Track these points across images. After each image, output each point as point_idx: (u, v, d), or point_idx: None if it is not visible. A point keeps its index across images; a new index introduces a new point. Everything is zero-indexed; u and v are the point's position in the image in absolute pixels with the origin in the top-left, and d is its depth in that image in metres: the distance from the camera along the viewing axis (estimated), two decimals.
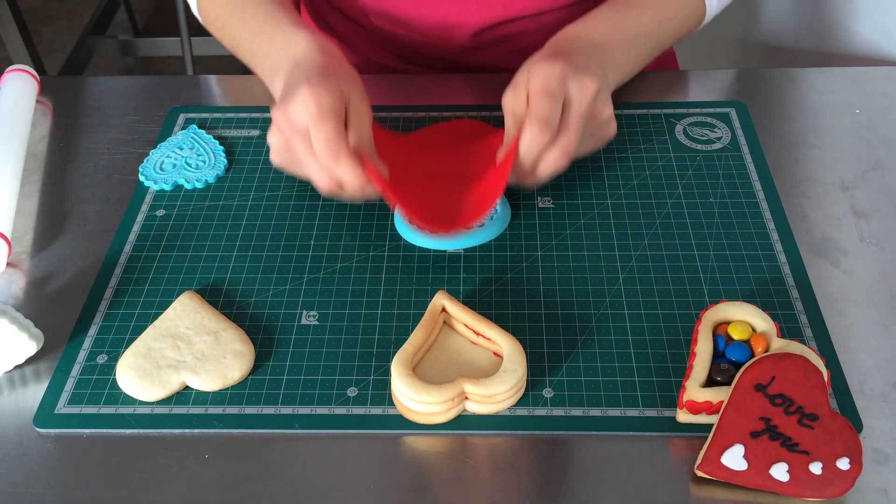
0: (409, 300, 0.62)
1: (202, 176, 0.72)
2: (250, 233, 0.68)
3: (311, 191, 0.71)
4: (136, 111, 0.81)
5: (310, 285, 0.64)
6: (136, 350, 0.58)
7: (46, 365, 0.59)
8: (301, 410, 0.56)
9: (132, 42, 2.20)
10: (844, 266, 0.64)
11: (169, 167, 0.73)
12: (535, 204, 0.69)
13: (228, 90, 0.84)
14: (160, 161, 0.74)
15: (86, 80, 0.86)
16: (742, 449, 0.50)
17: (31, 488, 0.52)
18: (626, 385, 0.56)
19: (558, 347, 0.59)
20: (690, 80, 0.82)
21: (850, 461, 0.49)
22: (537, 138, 0.60)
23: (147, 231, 0.68)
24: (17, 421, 0.56)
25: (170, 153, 0.75)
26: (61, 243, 0.68)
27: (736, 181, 0.71)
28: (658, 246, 0.66)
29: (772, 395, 0.51)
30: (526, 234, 0.67)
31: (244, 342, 0.59)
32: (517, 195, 0.70)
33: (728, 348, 0.55)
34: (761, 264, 0.64)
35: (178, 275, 0.65)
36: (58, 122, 0.80)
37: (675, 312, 0.61)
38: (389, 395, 0.56)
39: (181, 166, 0.73)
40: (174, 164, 0.73)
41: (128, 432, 0.55)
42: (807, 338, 0.59)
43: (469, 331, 0.58)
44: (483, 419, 0.55)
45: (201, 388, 0.57)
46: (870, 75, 0.82)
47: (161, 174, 0.73)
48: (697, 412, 0.53)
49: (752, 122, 0.76)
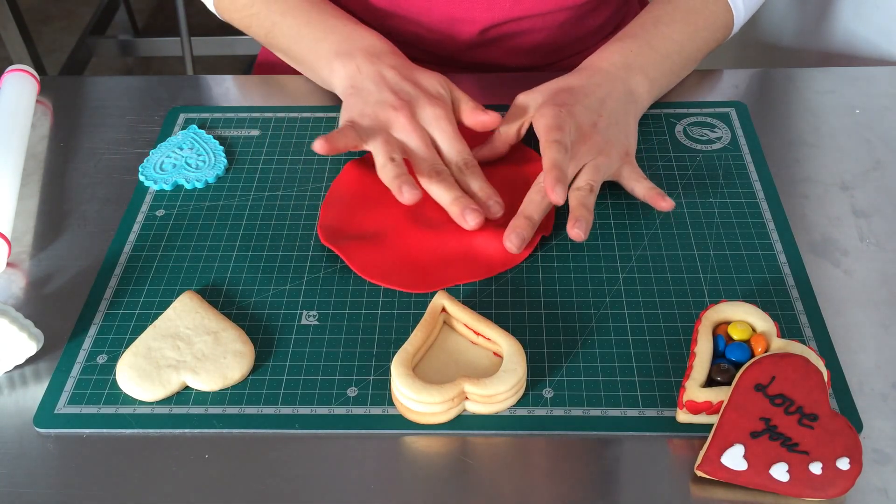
0: (409, 300, 0.62)
1: (202, 176, 0.72)
2: (250, 233, 0.68)
3: (312, 191, 0.71)
4: (136, 111, 0.81)
5: (310, 285, 0.64)
6: (136, 350, 0.58)
7: (46, 365, 0.59)
8: (301, 410, 0.56)
9: (132, 42, 2.20)
10: (844, 266, 0.64)
11: (169, 167, 0.73)
12: None
13: (228, 90, 0.84)
14: (160, 161, 0.74)
15: (86, 80, 0.86)
16: (742, 449, 0.50)
17: (31, 488, 0.52)
18: (626, 385, 0.56)
19: (558, 347, 0.59)
20: (690, 80, 0.82)
21: (850, 461, 0.49)
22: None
23: (147, 231, 0.68)
24: (17, 421, 0.56)
25: (170, 153, 0.74)
26: (61, 243, 0.68)
27: (736, 181, 0.71)
28: (658, 246, 0.66)
29: (772, 395, 0.51)
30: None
31: (244, 342, 0.59)
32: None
33: (728, 348, 0.55)
34: (761, 264, 0.64)
35: (178, 275, 0.65)
36: (58, 122, 0.80)
37: (675, 312, 0.61)
38: (389, 395, 0.56)
39: (181, 166, 0.73)
40: (174, 164, 0.73)
41: (128, 432, 0.55)
42: (807, 338, 0.59)
43: (469, 331, 0.58)
44: (483, 419, 0.55)
45: (201, 388, 0.57)
46: (870, 75, 0.82)
47: (161, 174, 0.72)
48: (697, 412, 0.53)
49: (752, 122, 0.76)
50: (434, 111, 0.67)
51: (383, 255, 0.65)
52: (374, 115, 0.67)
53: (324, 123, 0.78)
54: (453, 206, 0.64)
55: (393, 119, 0.66)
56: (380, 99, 0.67)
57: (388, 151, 0.65)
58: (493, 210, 0.65)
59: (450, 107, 0.69)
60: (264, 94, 0.83)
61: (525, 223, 0.63)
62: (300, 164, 0.74)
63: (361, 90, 0.69)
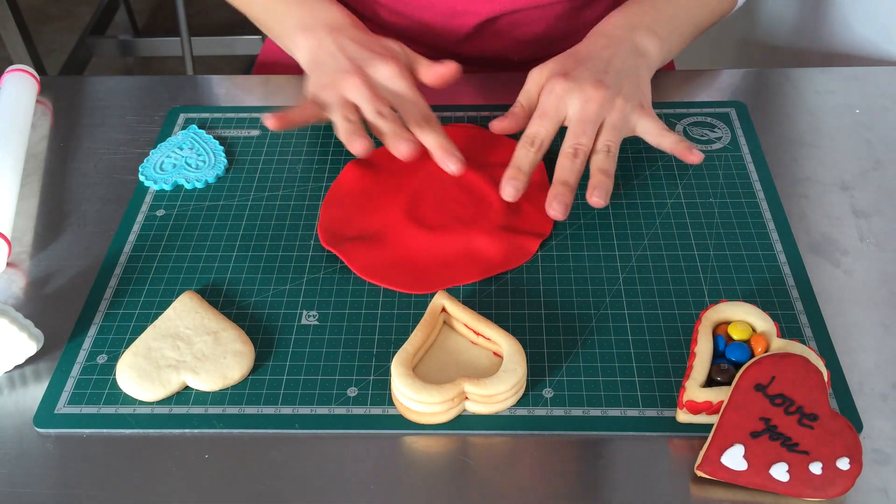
0: (409, 300, 0.62)
1: (202, 176, 0.72)
2: (250, 233, 0.68)
3: (312, 191, 0.71)
4: (136, 111, 0.81)
5: (310, 285, 0.64)
6: (136, 350, 0.58)
7: (46, 365, 0.59)
8: (301, 410, 0.56)
9: (132, 42, 2.20)
10: (844, 266, 0.64)
11: (169, 167, 0.73)
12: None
13: (228, 90, 0.84)
14: (160, 161, 0.74)
15: (86, 80, 0.86)
16: (742, 449, 0.50)
17: (31, 488, 0.52)
18: (626, 385, 0.56)
19: (558, 347, 0.59)
20: (690, 80, 0.82)
21: (850, 461, 0.49)
22: (525, 152, 0.66)
23: (147, 231, 0.68)
24: (17, 421, 0.56)
25: (170, 153, 0.74)
26: (61, 243, 0.68)
27: (736, 181, 0.71)
28: (658, 246, 0.66)
29: (772, 395, 0.51)
30: None
31: (244, 342, 0.59)
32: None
33: (728, 348, 0.55)
34: (761, 264, 0.64)
35: (178, 275, 0.65)
36: (58, 122, 0.80)
37: (675, 312, 0.61)
38: (389, 395, 0.56)
39: (181, 166, 0.73)
40: (174, 163, 0.73)
41: (128, 432, 0.55)
42: (807, 338, 0.59)
43: (469, 331, 0.58)
44: (483, 419, 0.55)
45: (201, 388, 0.57)
46: (870, 75, 0.82)
47: (161, 174, 0.72)
48: (697, 412, 0.53)
49: (752, 122, 0.76)
50: (387, 69, 0.67)
51: (383, 256, 0.65)
52: (332, 84, 0.68)
53: (323, 123, 0.78)
54: (399, 146, 0.65)
55: (348, 83, 0.67)
56: (336, 68, 0.68)
57: (344, 114, 0.66)
58: (451, 168, 0.66)
59: (403, 64, 0.69)
60: (264, 94, 0.83)
61: (563, 189, 0.64)
62: (300, 164, 0.74)
63: (321, 63, 0.70)
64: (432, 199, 0.68)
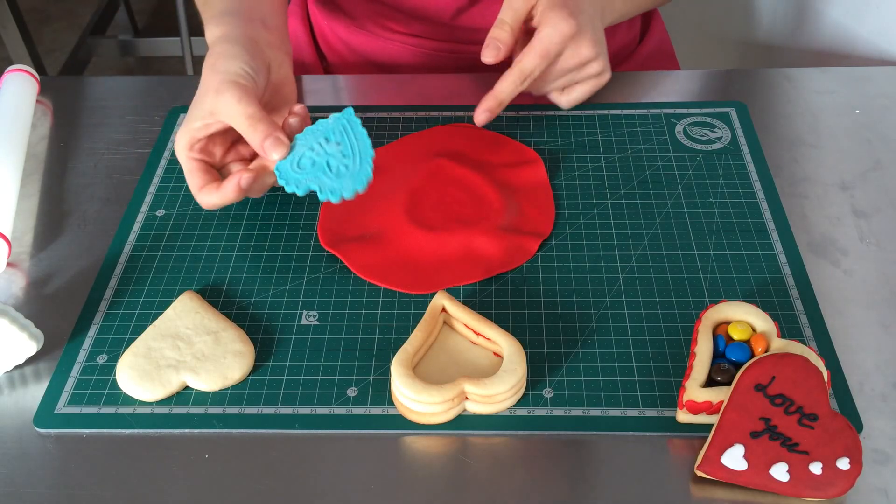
0: (409, 300, 0.62)
1: (339, 188, 0.59)
2: (250, 233, 0.68)
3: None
4: (136, 111, 0.81)
5: (310, 285, 0.64)
6: (136, 350, 0.58)
7: (46, 365, 0.59)
8: (301, 410, 0.56)
9: (132, 42, 2.20)
10: (844, 266, 0.64)
11: (308, 165, 0.60)
12: None
13: None
14: (300, 156, 0.61)
15: (86, 80, 0.86)
16: (742, 449, 0.50)
17: (31, 488, 0.52)
18: (626, 385, 0.56)
19: (558, 347, 0.59)
20: (690, 80, 0.82)
21: (850, 461, 0.49)
22: (515, 87, 0.68)
23: (147, 231, 0.68)
24: (17, 421, 0.56)
25: (314, 144, 0.61)
26: (61, 243, 0.68)
27: (736, 181, 0.71)
28: (658, 246, 0.66)
29: (772, 395, 0.51)
30: None
31: (244, 342, 0.59)
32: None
33: (728, 348, 0.55)
34: (761, 264, 0.64)
35: (178, 275, 0.65)
36: (58, 122, 0.80)
37: (675, 312, 0.61)
38: (389, 395, 0.56)
39: (321, 166, 0.60)
40: (314, 160, 0.60)
41: (128, 432, 0.55)
42: (807, 338, 0.59)
43: (469, 331, 0.58)
44: (483, 419, 0.55)
45: (201, 388, 0.57)
46: (870, 75, 0.82)
47: (298, 173, 0.60)
48: (697, 412, 0.53)
49: (752, 122, 0.76)
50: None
51: (383, 256, 0.65)
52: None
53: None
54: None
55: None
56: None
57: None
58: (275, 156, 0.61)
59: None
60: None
61: (497, 107, 0.68)
62: None
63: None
64: (432, 199, 0.68)
